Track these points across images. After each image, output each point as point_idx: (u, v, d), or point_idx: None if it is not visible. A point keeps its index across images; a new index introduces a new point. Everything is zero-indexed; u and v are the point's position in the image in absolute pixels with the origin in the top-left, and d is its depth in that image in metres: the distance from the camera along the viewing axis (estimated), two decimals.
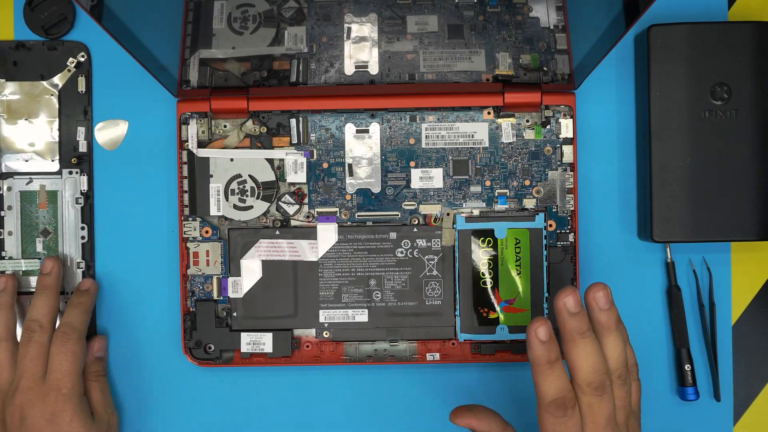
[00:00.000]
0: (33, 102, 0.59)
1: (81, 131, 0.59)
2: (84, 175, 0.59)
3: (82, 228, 0.59)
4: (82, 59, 0.59)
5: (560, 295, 0.46)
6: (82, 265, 0.59)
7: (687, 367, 0.58)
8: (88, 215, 0.59)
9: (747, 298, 0.60)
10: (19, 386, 0.53)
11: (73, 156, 0.59)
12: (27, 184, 0.59)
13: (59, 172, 0.59)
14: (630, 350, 0.49)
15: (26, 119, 0.59)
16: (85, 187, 0.59)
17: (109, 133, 0.60)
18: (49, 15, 0.59)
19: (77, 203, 0.59)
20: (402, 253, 0.58)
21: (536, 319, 0.45)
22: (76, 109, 0.59)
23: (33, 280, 0.59)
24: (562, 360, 0.46)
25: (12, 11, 0.60)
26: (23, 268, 0.59)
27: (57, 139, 0.59)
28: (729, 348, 0.60)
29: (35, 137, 0.59)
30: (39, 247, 0.59)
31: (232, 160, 0.58)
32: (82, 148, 0.59)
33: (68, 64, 0.59)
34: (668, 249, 0.59)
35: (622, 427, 0.47)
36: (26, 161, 0.59)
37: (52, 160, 0.59)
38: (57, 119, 0.59)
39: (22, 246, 0.59)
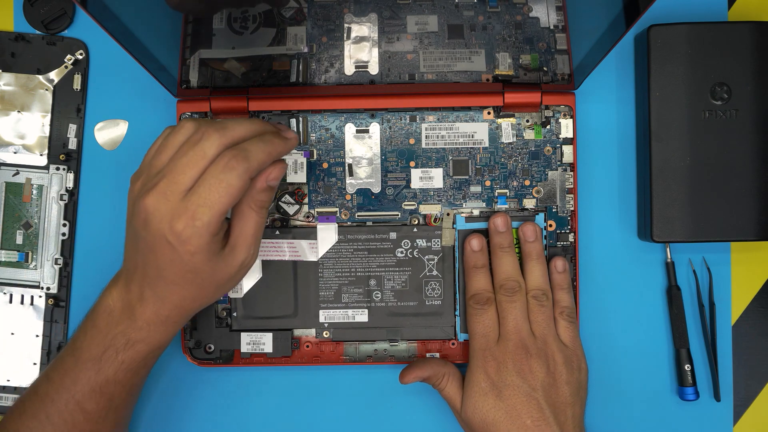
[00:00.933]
0: (27, 95, 0.59)
1: (72, 128, 0.59)
2: (71, 172, 0.59)
3: (64, 225, 0.59)
4: (80, 57, 0.59)
5: (492, 217, 0.56)
6: (60, 261, 0.59)
7: (687, 367, 0.58)
8: (71, 213, 0.59)
9: (747, 298, 0.60)
10: (156, 186, 0.46)
11: (62, 152, 0.59)
12: (13, 175, 0.59)
13: (46, 167, 0.59)
14: (565, 295, 0.55)
15: (19, 111, 0.59)
16: (70, 185, 0.59)
17: (109, 132, 0.60)
18: (49, 9, 0.59)
19: (61, 200, 0.59)
20: (402, 253, 0.58)
21: (472, 234, 0.56)
22: (69, 106, 0.59)
23: (8, 272, 0.59)
24: (489, 268, 0.56)
25: (12, 2, 0.60)
26: (1, 259, 0.59)
27: (47, 134, 0.59)
28: (729, 348, 0.60)
29: (26, 130, 0.59)
30: (19, 239, 0.59)
31: None
32: (72, 145, 0.59)
33: (65, 60, 0.59)
34: (668, 249, 0.59)
35: (538, 339, 0.53)
36: (14, 153, 0.59)
37: (41, 155, 0.59)
38: (49, 114, 0.59)
39: (2, 236, 0.59)
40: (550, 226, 0.58)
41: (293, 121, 0.58)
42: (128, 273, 0.49)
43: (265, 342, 0.58)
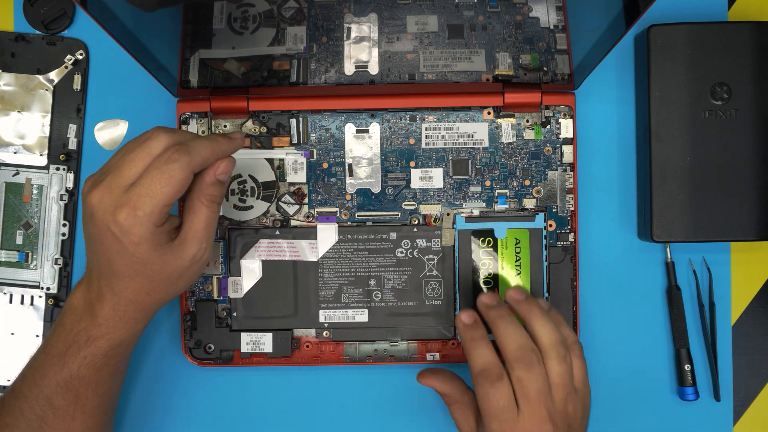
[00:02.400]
0: (27, 95, 0.59)
1: (72, 129, 0.59)
2: (71, 172, 0.59)
3: (64, 225, 0.59)
4: (80, 57, 0.59)
5: (479, 298, 0.54)
6: (60, 261, 0.59)
7: (687, 367, 0.58)
8: (71, 213, 0.59)
9: (747, 298, 0.60)
10: (102, 181, 0.47)
11: (62, 153, 0.59)
12: (13, 175, 0.59)
13: (46, 167, 0.59)
14: (567, 330, 0.53)
15: (19, 111, 0.59)
16: (70, 185, 0.59)
17: (109, 132, 0.60)
18: (49, 9, 0.59)
19: (61, 200, 0.59)
20: (402, 253, 0.58)
21: (462, 309, 0.54)
22: (69, 106, 0.59)
23: (8, 272, 0.59)
24: (490, 338, 0.52)
25: (12, 2, 0.60)
26: (1, 259, 0.59)
27: (47, 134, 0.59)
28: (729, 348, 0.60)
29: (26, 130, 0.59)
30: (19, 239, 0.59)
31: None
32: (72, 145, 0.59)
33: (66, 60, 0.59)
34: (668, 249, 0.59)
35: (559, 404, 0.50)
36: (14, 153, 0.59)
37: (41, 155, 0.59)
38: (49, 114, 0.59)
39: (2, 236, 0.59)
40: (550, 226, 0.58)
41: (293, 121, 0.58)
42: (89, 272, 0.50)
43: (265, 342, 0.58)
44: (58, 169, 0.59)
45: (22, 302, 0.59)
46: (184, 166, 0.47)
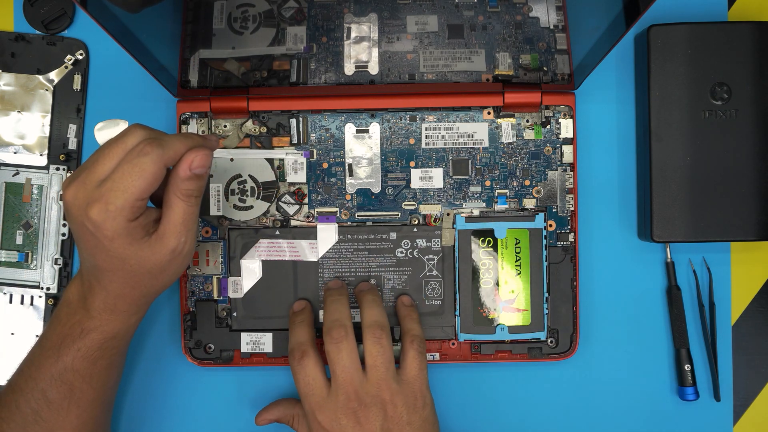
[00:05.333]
0: (27, 95, 0.59)
1: (72, 129, 0.59)
2: (71, 172, 0.59)
3: (64, 225, 0.59)
4: (80, 57, 0.59)
5: (329, 282, 0.57)
6: (60, 261, 0.59)
7: (687, 367, 0.58)
8: None
9: (747, 298, 0.60)
10: (77, 177, 0.47)
11: (62, 153, 0.59)
12: (13, 175, 0.59)
13: (46, 167, 0.59)
14: (412, 324, 0.55)
15: (19, 111, 0.59)
16: None
17: (109, 132, 0.60)
18: (49, 9, 0.59)
19: (61, 200, 0.59)
20: (402, 253, 0.58)
21: (297, 300, 0.57)
22: (69, 107, 0.59)
23: (8, 272, 0.59)
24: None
25: (12, 2, 0.60)
26: (1, 259, 0.59)
27: (47, 135, 0.59)
28: (729, 348, 0.60)
29: (26, 130, 0.59)
30: (19, 239, 0.59)
31: (232, 160, 0.58)
32: (72, 145, 0.59)
33: (66, 60, 0.59)
34: (668, 249, 0.59)
35: (372, 386, 0.51)
36: (14, 153, 0.59)
37: (41, 155, 0.59)
38: (49, 114, 0.59)
39: (2, 236, 0.59)
40: (550, 226, 0.58)
41: (293, 121, 0.58)
42: (81, 267, 0.51)
43: (265, 342, 0.58)
44: (58, 169, 0.59)
45: (22, 302, 0.59)
46: (156, 158, 0.46)
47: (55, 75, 0.59)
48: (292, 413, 0.56)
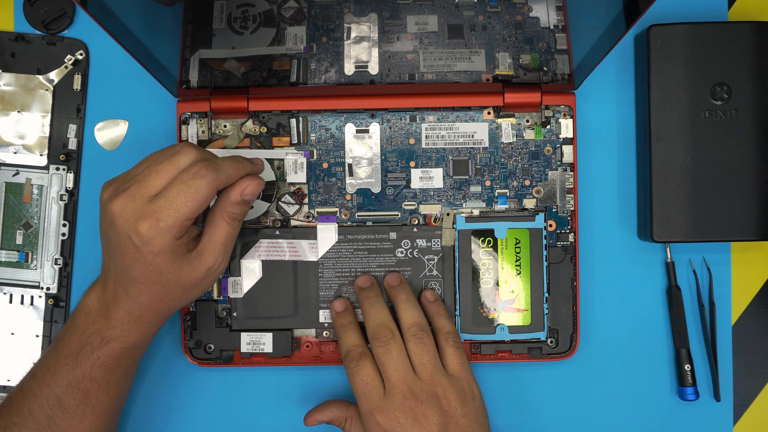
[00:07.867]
0: (27, 95, 0.59)
1: (72, 129, 0.59)
2: (71, 172, 0.59)
3: (64, 225, 0.59)
4: (80, 57, 0.59)
5: (355, 281, 0.57)
6: (60, 261, 0.59)
7: (687, 367, 0.58)
8: (71, 213, 0.59)
9: (747, 298, 0.60)
10: (126, 190, 0.48)
11: (62, 153, 0.59)
12: (13, 175, 0.59)
13: (46, 167, 0.59)
14: (444, 321, 0.55)
15: (19, 111, 0.59)
16: (70, 185, 0.59)
17: (109, 132, 0.60)
18: (49, 9, 0.59)
19: (61, 200, 0.59)
20: (402, 253, 0.58)
21: (337, 299, 0.57)
22: (69, 107, 0.59)
23: (8, 272, 0.59)
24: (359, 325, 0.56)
25: (12, 2, 0.60)
26: (1, 259, 0.59)
27: (47, 135, 0.59)
28: (729, 348, 0.60)
29: (26, 130, 0.59)
30: (19, 239, 0.59)
31: None
32: (72, 145, 0.59)
33: (66, 60, 0.59)
34: (668, 249, 0.59)
35: (425, 383, 0.52)
36: (14, 153, 0.59)
37: (41, 155, 0.59)
38: (49, 114, 0.59)
39: (2, 236, 0.59)
40: (550, 226, 0.58)
41: (293, 121, 0.58)
42: (104, 275, 0.51)
43: (265, 342, 0.58)
44: (58, 169, 0.59)
45: (22, 302, 0.59)
46: (210, 182, 0.48)
47: (55, 75, 0.59)
48: (345, 415, 0.55)
